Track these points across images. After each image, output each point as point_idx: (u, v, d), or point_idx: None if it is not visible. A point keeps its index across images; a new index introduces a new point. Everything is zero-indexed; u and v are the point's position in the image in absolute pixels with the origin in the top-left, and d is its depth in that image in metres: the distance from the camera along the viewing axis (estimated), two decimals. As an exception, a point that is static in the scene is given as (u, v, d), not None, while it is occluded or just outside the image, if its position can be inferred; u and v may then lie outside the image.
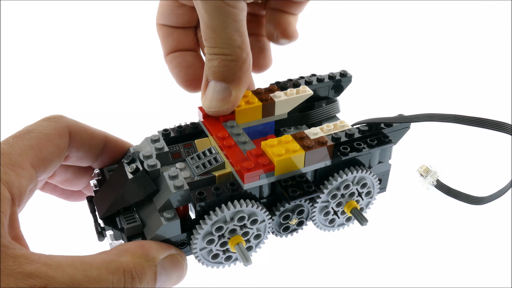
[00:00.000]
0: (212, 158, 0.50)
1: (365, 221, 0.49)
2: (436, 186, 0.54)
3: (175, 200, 0.44)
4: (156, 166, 0.46)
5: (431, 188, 0.54)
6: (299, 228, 0.51)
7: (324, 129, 0.51)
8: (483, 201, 0.53)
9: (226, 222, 0.45)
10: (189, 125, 0.54)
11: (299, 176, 0.47)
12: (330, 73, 0.60)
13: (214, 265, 0.47)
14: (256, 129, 0.56)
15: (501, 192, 0.51)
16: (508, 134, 0.41)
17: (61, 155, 0.45)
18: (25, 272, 0.33)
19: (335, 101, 0.61)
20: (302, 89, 0.57)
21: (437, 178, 0.54)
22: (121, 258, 0.39)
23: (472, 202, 0.54)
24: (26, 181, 0.40)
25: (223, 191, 0.45)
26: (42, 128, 0.44)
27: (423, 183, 0.55)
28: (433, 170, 0.54)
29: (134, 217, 0.45)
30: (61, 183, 0.52)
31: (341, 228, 0.54)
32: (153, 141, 0.50)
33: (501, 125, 0.42)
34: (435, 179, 0.54)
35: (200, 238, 0.45)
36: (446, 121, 0.46)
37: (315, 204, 0.49)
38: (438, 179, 0.54)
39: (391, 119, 0.51)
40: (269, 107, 0.55)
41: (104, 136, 0.50)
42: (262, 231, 0.48)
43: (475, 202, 0.54)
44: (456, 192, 0.55)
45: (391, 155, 0.53)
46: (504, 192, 0.50)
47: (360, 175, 0.50)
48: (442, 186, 0.55)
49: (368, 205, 0.54)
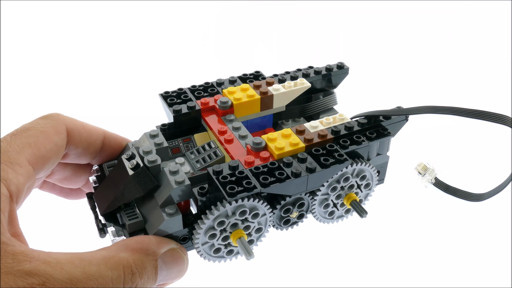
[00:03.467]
0: (212, 152, 0.50)
1: (365, 213, 0.50)
2: (434, 184, 0.55)
3: (176, 195, 0.44)
4: (157, 161, 0.46)
5: (429, 186, 0.55)
6: (299, 221, 0.51)
7: (324, 122, 0.51)
8: (481, 197, 0.54)
9: (228, 217, 0.45)
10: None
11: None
12: (327, 65, 0.60)
13: (216, 259, 0.48)
14: (254, 122, 0.56)
15: (500, 188, 0.51)
16: (508, 126, 0.42)
17: (59, 153, 0.45)
18: (24, 270, 0.33)
19: (332, 93, 0.61)
20: (299, 81, 0.57)
21: (435, 176, 0.54)
22: (121, 254, 0.39)
23: (471, 199, 0.54)
24: (24, 178, 0.39)
25: None
26: (40, 126, 0.44)
27: (421, 181, 0.55)
28: (431, 168, 0.55)
29: (135, 213, 0.45)
30: (60, 182, 0.52)
31: (340, 220, 0.54)
32: (152, 136, 0.50)
33: (500, 117, 0.42)
34: (433, 177, 0.54)
35: (202, 233, 0.45)
36: (444, 113, 0.46)
37: (315, 197, 0.50)
38: (436, 176, 0.55)
39: (389, 112, 0.51)
40: (268, 100, 0.55)
41: (102, 133, 0.50)
42: (263, 224, 0.48)
43: (474, 199, 0.54)
44: (455, 190, 0.55)
45: (389, 147, 0.53)
46: (503, 188, 0.50)
47: (360, 168, 0.50)
48: (440, 184, 0.55)
49: (367, 197, 0.54)
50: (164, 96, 0.55)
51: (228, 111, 0.53)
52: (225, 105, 0.53)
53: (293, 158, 0.46)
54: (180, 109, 0.53)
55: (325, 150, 0.48)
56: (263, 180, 0.44)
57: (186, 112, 0.53)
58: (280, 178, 0.44)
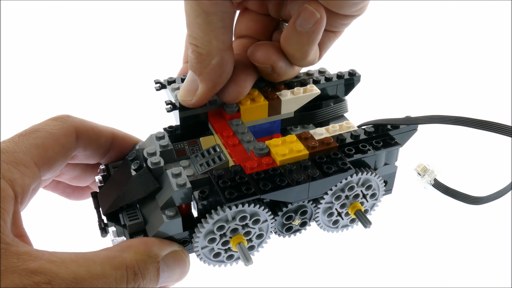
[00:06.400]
0: (216, 156, 0.50)
1: (369, 224, 0.49)
2: (433, 185, 0.54)
3: (178, 198, 0.44)
4: (160, 163, 0.46)
5: (428, 187, 0.54)
6: (302, 228, 0.51)
7: (330, 129, 0.50)
8: (481, 201, 0.53)
9: (228, 222, 0.45)
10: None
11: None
12: (339, 72, 0.60)
13: (216, 263, 0.48)
14: (262, 127, 0.56)
15: (500, 193, 0.50)
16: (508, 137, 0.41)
17: (67, 155, 0.45)
18: (29, 268, 0.33)
19: (343, 101, 0.60)
20: (309, 88, 0.56)
21: (434, 177, 0.54)
22: (124, 255, 0.39)
23: (470, 201, 0.53)
24: (29, 179, 0.40)
25: None
26: (49, 128, 0.44)
27: (421, 182, 0.54)
28: (430, 169, 0.54)
29: (136, 214, 0.46)
30: (69, 181, 0.53)
31: (345, 229, 0.53)
32: (158, 138, 0.50)
33: (501, 127, 0.42)
34: (432, 178, 0.54)
35: (201, 237, 0.45)
36: (451, 124, 0.45)
37: (319, 205, 0.49)
38: (435, 178, 0.54)
39: (397, 121, 0.50)
40: (275, 106, 0.55)
41: (111, 133, 0.50)
42: (264, 231, 0.48)
43: (473, 202, 0.53)
44: (454, 192, 0.54)
45: (398, 157, 0.52)
46: (503, 194, 0.50)
47: (365, 177, 0.49)
48: (439, 185, 0.54)
49: (373, 207, 0.53)
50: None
51: (235, 115, 0.53)
52: (232, 109, 0.53)
53: (295, 165, 0.46)
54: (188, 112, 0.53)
55: (329, 158, 0.47)
56: (263, 186, 0.43)
57: (194, 115, 0.53)
58: (280, 185, 0.44)
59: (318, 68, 0.61)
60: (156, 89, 0.55)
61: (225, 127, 0.52)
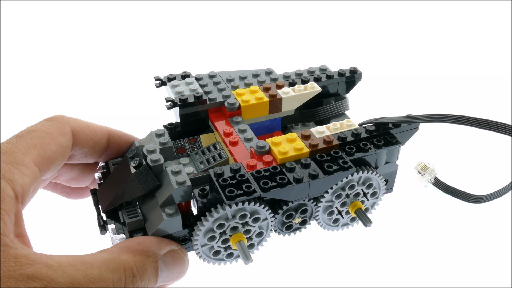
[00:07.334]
0: (216, 154, 0.50)
1: (369, 223, 0.49)
2: (434, 183, 0.54)
3: (177, 196, 0.44)
4: (159, 161, 0.46)
5: (429, 186, 0.54)
6: (302, 227, 0.51)
7: (331, 127, 0.50)
8: (481, 200, 0.53)
9: (228, 220, 0.44)
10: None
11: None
12: (340, 70, 0.59)
13: (216, 261, 0.47)
14: (262, 125, 0.56)
15: (500, 192, 0.50)
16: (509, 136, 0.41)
17: (65, 154, 0.45)
18: (26, 273, 0.33)
19: (344, 98, 0.60)
20: (310, 85, 0.56)
21: (435, 176, 0.53)
22: (122, 256, 0.39)
23: (470, 200, 0.53)
24: (29, 179, 0.40)
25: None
26: (45, 128, 0.44)
27: (421, 181, 0.54)
28: (431, 167, 0.54)
29: (136, 212, 0.45)
30: (67, 182, 0.52)
31: (345, 228, 0.53)
32: (158, 136, 0.50)
33: (502, 126, 0.42)
34: (433, 177, 0.53)
35: (201, 235, 0.44)
36: (452, 122, 0.45)
37: (319, 204, 0.49)
38: (436, 176, 0.53)
39: (398, 119, 0.50)
40: (276, 103, 0.54)
41: (106, 131, 0.50)
42: (264, 229, 0.47)
43: (473, 201, 0.53)
44: (454, 190, 0.54)
45: (399, 155, 0.52)
46: (503, 193, 0.49)
47: (366, 176, 0.49)
48: (440, 184, 0.54)
49: (374, 205, 0.53)
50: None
51: (235, 112, 0.53)
52: (233, 106, 0.53)
53: (296, 163, 0.46)
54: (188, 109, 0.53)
55: (330, 156, 0.47)
56: (263, 184, 0.43)
57: (194, 112, 0.53)
58: (281, 183, 0.44)
59: (319, 66, 0.60)
60: (156, 86, 0.55)
61: (226, 124, 0.52)
